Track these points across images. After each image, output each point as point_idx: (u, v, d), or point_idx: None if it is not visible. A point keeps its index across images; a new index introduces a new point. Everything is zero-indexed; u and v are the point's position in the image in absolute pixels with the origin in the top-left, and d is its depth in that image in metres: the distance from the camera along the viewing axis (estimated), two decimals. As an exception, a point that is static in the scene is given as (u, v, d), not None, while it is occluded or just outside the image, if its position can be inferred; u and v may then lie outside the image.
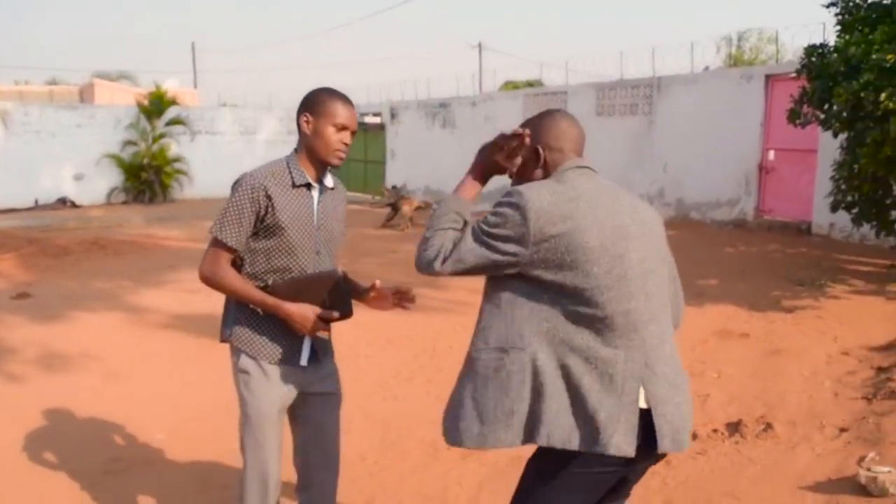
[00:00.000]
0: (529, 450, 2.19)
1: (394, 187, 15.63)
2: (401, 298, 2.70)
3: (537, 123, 2.22)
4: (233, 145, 22.19)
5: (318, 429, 2.82)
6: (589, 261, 1.95)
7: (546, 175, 2.17)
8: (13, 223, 15.21)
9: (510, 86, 31.34)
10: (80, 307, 8.07)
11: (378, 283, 2.74)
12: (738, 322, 6.68)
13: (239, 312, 2.69)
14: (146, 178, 20.52)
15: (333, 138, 2.59)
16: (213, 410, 4.73)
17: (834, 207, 8.22)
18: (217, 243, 2.60)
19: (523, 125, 2.24)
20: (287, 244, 2.60)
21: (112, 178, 20.50)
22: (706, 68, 15.54)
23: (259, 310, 2.63)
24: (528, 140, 2.14)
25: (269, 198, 2.55)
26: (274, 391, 2.66)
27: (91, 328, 7.26)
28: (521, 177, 2.23)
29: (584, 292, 1.96)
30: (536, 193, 2.01)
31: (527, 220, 1.96)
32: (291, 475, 2.90)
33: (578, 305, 1.97)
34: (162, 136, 20.80)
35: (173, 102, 21.13)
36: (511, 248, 1.99)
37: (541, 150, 2.17)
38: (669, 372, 2.05)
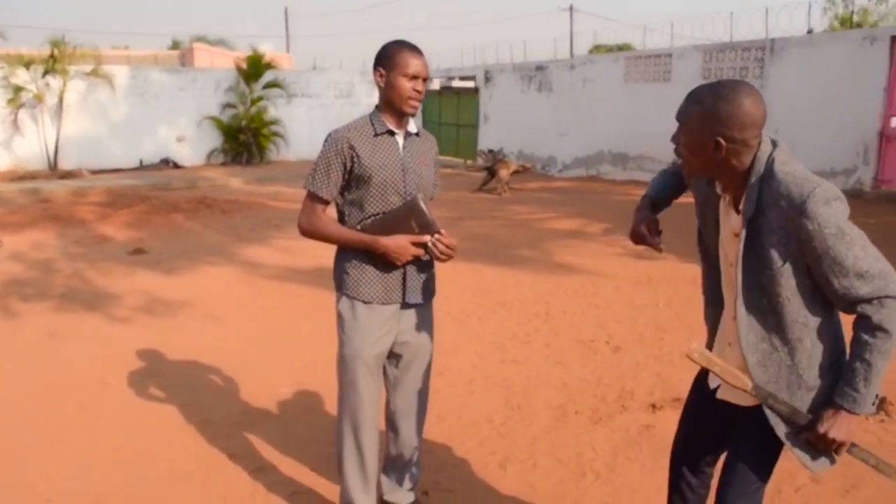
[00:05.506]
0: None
1: (490, 151, 15.47)
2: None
3: (714, 109, 1.89)
4: (328, 109, 22.41)
5: (405, 377, 2.93)
6: None
7: (739, 164, 1.93)
8: (121, 182, 15.80)
9: (602, 49, 30.65)
10: (195, 262, 8.33)
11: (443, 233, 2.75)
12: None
13: (342, 257, 2.84)
14: (244, 140, 20.97)
15: (406, 87, 2.69)
16: (331, 365, 4.77)
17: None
18: (310, 196, 2.79)
19: (690, 99, 1.95)
20: (377, 189, 2.72)
21: (211, 139, 21.05)
22: (810, 31, 14.77)
23: (359, 252, 2.75)
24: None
25: (352, 148, 2.70)
26: (368, 333, 2.77)
27: (207, 283, 7.48)
28: (710, 170, 1.98)
29: None
30: (817, 179, 1.90)
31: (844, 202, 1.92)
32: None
33: None
34: (259, 98, 21.16)
35: (270, 66, 21.40)
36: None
37: (722, 142, 1.89)
38: None
